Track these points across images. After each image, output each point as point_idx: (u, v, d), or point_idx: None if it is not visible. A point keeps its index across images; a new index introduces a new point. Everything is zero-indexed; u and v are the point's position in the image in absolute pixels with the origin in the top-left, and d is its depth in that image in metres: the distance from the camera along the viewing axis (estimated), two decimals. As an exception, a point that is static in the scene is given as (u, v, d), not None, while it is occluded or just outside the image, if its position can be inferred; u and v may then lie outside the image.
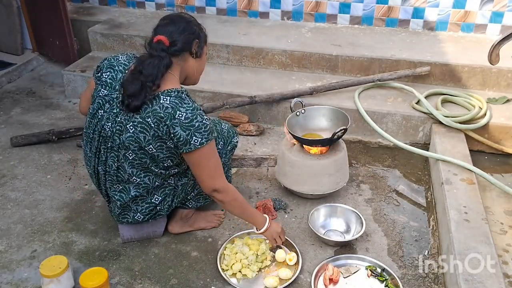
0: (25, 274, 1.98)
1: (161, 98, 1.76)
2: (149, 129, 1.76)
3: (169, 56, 1.79)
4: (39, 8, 3.79)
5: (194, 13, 4.13)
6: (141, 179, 1.91)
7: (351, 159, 2.75)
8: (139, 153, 1.83)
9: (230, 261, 2.00)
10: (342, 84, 3.12)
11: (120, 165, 1.89)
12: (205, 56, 1.96)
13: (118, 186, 1.95)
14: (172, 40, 1.80)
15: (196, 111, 1.77)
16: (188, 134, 1.74)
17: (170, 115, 1.74)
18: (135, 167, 1.88)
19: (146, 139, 1.78)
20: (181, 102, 1.76)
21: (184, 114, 1.74)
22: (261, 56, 3.48)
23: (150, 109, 1.75)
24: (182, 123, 1.74)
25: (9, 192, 2.48)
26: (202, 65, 1.96)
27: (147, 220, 2.03)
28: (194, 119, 1.75)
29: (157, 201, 1.98)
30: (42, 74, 3.90)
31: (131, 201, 1.96)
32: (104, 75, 1.89)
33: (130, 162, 1.86)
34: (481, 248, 1.87)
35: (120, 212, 2.00)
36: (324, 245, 2.15)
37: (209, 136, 1.78)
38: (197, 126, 1.75)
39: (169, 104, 1.74)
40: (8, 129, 3.07)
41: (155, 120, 1.75)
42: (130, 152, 1.83)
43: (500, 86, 3.13)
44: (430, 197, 2.46)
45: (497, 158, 2.80)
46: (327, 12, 3.86)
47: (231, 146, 2.19)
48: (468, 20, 3.63)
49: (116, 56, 1.93)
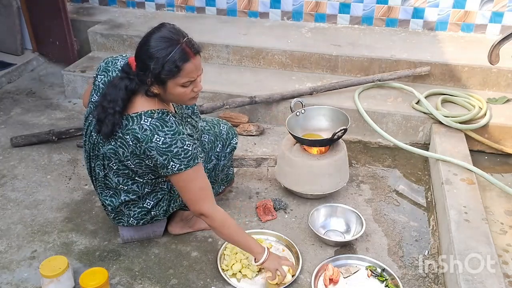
0: (25, 275, 1.98)
1: (142, 118, 1.67)
2: (127, 146, 1.71)
3: (136, 81, 1.66)
4: (39, 8, 3.79)
5: (194, 13, 4.14)
6: (129, 186, 1.88)
7: (351, 159, 2.75)
8: (120, 165, 1.80)
9: (230, 261, 2.00)
10: (342, 84, 3.12)
11: (107, 174, 1.87)
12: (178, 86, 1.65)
13: (109, 192, 1.93)
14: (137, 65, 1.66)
15: (178, 135, 1.66)
16: (165, 159, 1.66)
17: (147, 137, 1.65)
18: (120, 176, 1.85)
19: (124, 155, 1.75)
20: (162, 125, 1.66)
21: (162, 139, 1.65)
22: (261, 56, 3.48)
23: (130, 127, 1.68)
24: (159, 148, 1.65)
25: (9, 193, 2.48)
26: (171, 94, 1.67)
27: (144, 223, 2.02)
28: (172, 144, 1.65)
29: (149, 206, 1.95)
30: (42, 74, 3.90)
31: (123, 206, 1.94)
32: (98, 77, 1.84)
33: (115, 171, 1.84)
34: (481, 248, 1.87)
35: (114, 216, 2.00)
36: (324, 245, 2.15)
37: (189, 162, 1.68)
38: (175, 152, 1.66)
39: (148, 127, 1.66)
40: (8, 130, 3.07)
41: (133, 139, 1.68)
42: (113, 163, 1.81)
43: (500, 86, 3.13)
44: (430, 197, 2.46)
45: (497, 158, 2.80)
46: (327, 12, 3.86)
47: (230, 148, 2.17)
48: (468, 20, 3.63)
49: (115, 59, 1.86)
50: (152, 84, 1.65)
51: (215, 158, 2.09)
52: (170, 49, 1.58)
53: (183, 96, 1.69)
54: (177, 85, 1.65)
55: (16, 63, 3.88)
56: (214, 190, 2.18)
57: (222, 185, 2.27)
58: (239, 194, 2.46)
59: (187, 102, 1.75)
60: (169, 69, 1.59)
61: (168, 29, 1.64)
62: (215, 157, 2.09)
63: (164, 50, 1.58)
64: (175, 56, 1.58)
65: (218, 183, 2.22)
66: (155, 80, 1.63)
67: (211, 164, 2.07)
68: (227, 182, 2.31)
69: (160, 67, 1.58)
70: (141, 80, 1.65)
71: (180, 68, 1.60)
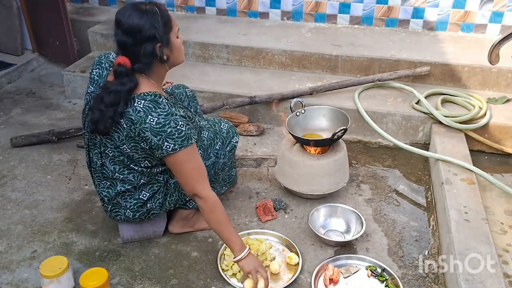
0: (25, 275, 1.98)
1: (135, 101, 1.72)
2: (122, 129, 1.76)
3: (134, 77, 1.73)
4: (39, 9, 3.80)
5: (194, 13, 4.14)
6: (125, 175, 1.90)
7: (351, 159, 2.75)
8: (115, 151, 1.84)
9: (230, 261, 2.00)
10: (342, 84, 3.12)
11: (103, 162, 1.90)
12: (176, 38, 1.78)
13: (106, 182, 1.95)
14: (133, 58, 1.71)
15: (171, 116, 1.71)
16: (159, 139, 1.70)
17: (141, 119, 1.70)
18: (116, 164, 1.89)
19: (120, 139, 1.79)
20: (155, 107, 1.70)
21: (156, 119, 1.69)
22: (261, 56, 3.48)
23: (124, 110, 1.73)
24: (153, 128, 1.69)
25: (9, 193, 2.48)
26: (177, 50, 1.80)
27: (140, 218, 2.02)
28: (166, 124, 1.69)
29: (145, 197, 1.96)
30: (42, 74, 3.90)
31: (119, 197, 1.95)
32: (93, 71, 1.92)
33: (111, 159, 1.87)
34: (481, 248, 1.87)
35: (111, 208, 2.00)
36: (324, 245, 2.15)
37: (183, 142, 1.72)
38: (169, 132, 1.70)
39: (142, 108, 1.70)
40: (8, 130, 3.07)
41: (127, 122, 1.73)
42: (109, 149, 1.85)
43: (500, 86, 3.13)
44: (430, 197, 2.46)
45: (497, 158, 2.80)
46: (327, 12, 3.86)
47: (231, 147, 2.16)
48: (468, 20, 3.63)
49: (108, 54, 1.94)
50: (161, 49, 1.72)
51: (214, 156, 2.07)
52: (154, 10, 1.70)
53: (181, 47, 1.83)
54: (175, 36, 1.78)
55: (16, 63, 3.88)
56: (216, 191, 2.16)
57: (224, 185, 2.25)
58: (239, 194, 2.47)
59: (182, 56, 1.87)
60: (165, 21, 1.72)
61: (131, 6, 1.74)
62: (214, 155, 2.07)
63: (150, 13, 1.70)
64: (162, 12, 1.72)
65: (220, 183, 2.20)
66: (163, 40, 1.71)
67: (210, 161, 2.06)
68: (230, 183, 2.29)
69: (160, 25, 1.69)
70: (150, 53, 1.71)
71: (170, 17, 1.76)
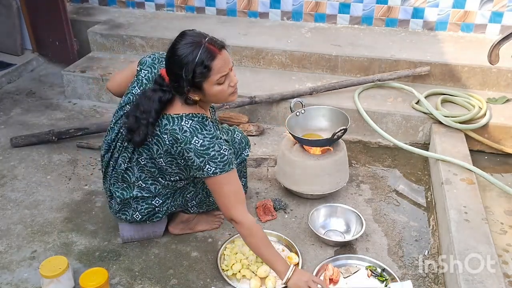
0: (25, 275, 1.98)
1: (183, 120, 1.72)
2: (163, 144, 1.75)
3: (169, 92, 1.72)
4: (39, 9, 3.79)
5: (194, 13, 4.14)
6: (147, 185, 1.90)
7: (351, 159, 2.75)
8: (149, 161, 1.83)
9: (230, 262, 2.00)
10: (342, 84, 3.12)
11: (130, 167, 1.89)
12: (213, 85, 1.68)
13: (123, 184, 1.95)
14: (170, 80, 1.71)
15: (216, 139, 1.71)
16: (202, 161, 1.70)
17: (186, 139, 1.70)
18: (144, 173, 1.88)
19: (158, 152, 1.78)
20: (202, 128, 1.71)
21: (201, 141, 1.70)
22: (261, 56, 3.48)
23: (170, 127, 1.72)
24: (197, 150, 1.69)
25: (9, 193, 2.48)
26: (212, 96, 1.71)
27: (144, 220, 2.02)
28: (210, 147, 1.70)
29: (157, 204, 1.97)
30: (42, 74, 3.90)
31: (132, 199, 1.95)
32: (142, 72, 1.87)
33: (141, 167, 1.86)
34: (481, 248, 1.87)
35: (120, 208, 1.99)
36: (324, 245, 2.15)
37: (225, 167, 1.72)
38: (212, 155, 1.70)
39: (188, 128, 1.71)
40: (8, 130, 3.07)
41: (171, 139, 1.72)
42: (143, 158, 1.83)
43: (500, 86, 3.13)
44: (430, 197, 2.46)
45: (497, 158, 2.80)
46: (326, 12, 3.86)
47: (241, 159, 2.12)
48: (468, 20, 3.63)
49: (162, 57, 1.87)
50: (189, 92, 1.69)
51: None
52: (195, 52, 1.62)
53: (223, 93, 1.72)
54: (213, 84, 1.67)
55: (16, 64, 3.88)
56: None
57: None
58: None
59: (228, 98, 1.76)
60: (200, 71, 1.63)
61: (189, 35, 1.69)
62: None
63: (190, 54, 1.62)
64: (202, 57, 1.62)
65: None
66: (191, 87, 1.67)
67: None
68: None
69: (191, 72, 1.62)
70: (179, 91, 1.70)
71: (209, 67, 1.64)
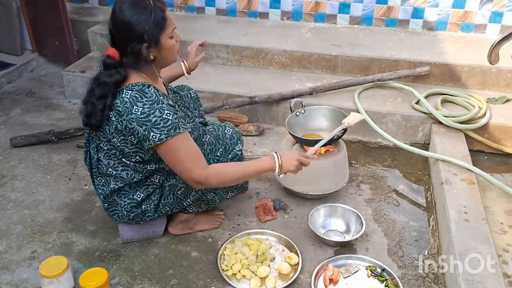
0: (25, 275, 1.98)
1: (123, 92, 1.72)
2: (111, 122, 1.75)
3: (123, 70, 1.73)
4: (39, 9, 3.79)
5: (194, 13, 4.14)
6: (118, 172, 1.88)
7: (351, 159, 2.75)
8: (108, 144, 1.83)
9: (230, 262, 2.00)
10: (342, 84, 3.12)
11: (99, 157, 1.89)
12: (168, 39, 1.74)
13: (101, 180, 1.95)
14: (121, 52, 1.72)
15: (156, 105, 1.69)
16: (145, 129, 1.69)
17: (127, 110, 1.69)
18: (111, 159, 1.87)
19: (110, 132, 1.78)
20: (141, 96, 1.69)
21: (141, 109, 1.68)
22: (261, 56, 3.48)
23: (114, 102, 1.73)
24: (138, 119, 1.68)
25: (9, 193, 2.48)
26: (166, 51, 1.76)
27: (135, 220, 2.00)
28: (151, 113, 1.67)
29: (139, 198, 1.94)
30: (42, 74, 3.90)
31: (115, 194, 1.94)
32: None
33: (106, 152, 1.86)
34: (481, 248, 1.87)
35: (107, 206, 1.99)
36: (324, 245, 2.15)
37: (170, 132, 1.69)
38: (154, 121, 1.68)
39: (128, 99, 1.70)
40: (8, 130, 3.07)
41: (115, 114, 1.73)
42: (103, 143, 1.84)
43: (499, 86, 3.13)
44: (430, 197, 2.46)
45: (497, 158, 2.80)
46: (326, 12, 3.87)
47: (233, 155, 2.08)
48: (468, 20, 3.63)
49: None
50: (149, 49, 1.71)
51: (214, 162, 2.01)
52: (148, 8, 1.67)
53: (173, 49, 1.79)
54: (168, 37, 1.74)
55: (16, 64, 3.88)
56: (219, 196, 2.14)
57: (229, 191, 2.17)
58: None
59: (175, 56, 1.82)
60: (158, 22, 1.68)
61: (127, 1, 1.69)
62: (214, 161, 2.02)
63: (144, 10, 1.67)
64: (156, 10, 1.68)
65: (222, 189, 2.12)
66: (151, 41, 1.69)
67: None
68: (238, 189, 2.20)
69: (150, 24, 1.67)
70: (136, 52, 1.70)
71: (165, 17, 1.71)
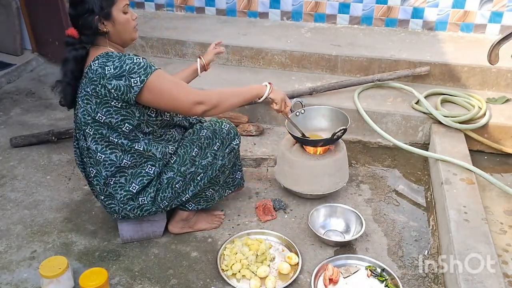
0: (25, 275, 1.98)
1: (92, 65, 1.78)
2: (91, 97, 1.79)
3: (82, 47, 1.82)
4: (39, 9, 3.80)
5: (194, 13, 4.14)
6: (107, 155, 1.88)
7: (350, 159, 2.75)
8: (94, 126, 1.84)
9: (230, 262, 2.00)
10: (342, 84, 3.13)
11: (89, 146, 1.90)
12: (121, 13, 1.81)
13: (93, 170, 1.94)
14: (79, 30, 1.81)
15: (124, 57, 1.76)
16: (125, 80, 1.73)
17: (101, 74, 1.75)
18: (98, 143, 1.88)
19: (93, 108, 1.81)
20: (108, 58, 1.77)
21: (112, 65, 1.74)
22: (261, 56, 3.48)
23: (87, 77, 1.79)
24: (114, 74, 1.74)
25: (9, 193, 2.48)
26: (120, 25, 1.83)
27: (134, 215, 1.99)
28: (123, 65, 1.74)
29: (135, 190, 1.93)
30: (42, 74, 3.90)
31: (109, 186, 1.93)
32: None
33: (92, 137, 1.87)
34: (481, 248, 1.87)
35: (104, 199, 1.99)
36: (324, 245, 2.15)
37: (147, 70, 1.75)
38: (129, 68, 1.74)
39: (97, 66, 1.76)
40: (8, 130, 3.07)
41: (92, 86, 1.77)
42: (89, 127, 1.85)
43: (499, 86, 3.13)
44: (429, 197, 2.46)
45: (497, 158, 2.80)
46: (326, 12, 3.87)
47: (230, 149, 2.09)
48: (468, 20, 3.63)
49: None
50: (100, 22, 1.78)
51: (211, 156, 2.03)
52: None
53: (128, 24, 1.85)
54: (120, 11, 1.81)
55: (16, 64, 3.89)
56: (218, 194, 2.16)
57: (227, 189, 2.21)
58: (239, 194, 2.46)
59: (133, 33, 1.89)
60: None
61: None
62: (211, 155, 2.03)
63: None
64: None
65: (222, 186, 2.16)
66: (101, 15, 1.77)
67: (205, 161, 2.01)
68: (234, 187, 2.24)
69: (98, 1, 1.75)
70: (89, 25, 1.77)
71: None
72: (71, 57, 1.81)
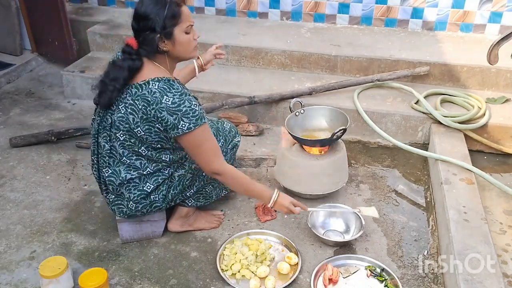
0: (24, 275, 1.98)
1: (150, 84, 1.79)
2: (138, 111, 1.80)
3: (137, 58, 1.82)
4: (38, 9, 3.79)
5: (193, 13, 4.13)
6: (132, 161, 1.92)
7: (350, 159, 2.75)
8: (127, 135, 1.86)
9: (229, 262, 2.00)
10: (341, 84, 3.12)
11: (112, 146, 1.91)
12: (182, 33, 1.81)
13: (108, 170, 1.96)
14: (139, 43, 1.83)
15: (185, 96, 1.79)
16: (175, 118, 1.77)
17: (157, 99, 1.76)
18: (125, 149, 1.90)
19: (135, 121, 1.82)
20: (170, 88, 1.78)
21: (171, 99, 1.76)
22: (260, 56, 3.48)
23: (140, 93, 1.79)
24: (169, 108, 1.76)
25: (8, 193, 2.48)
26: (180, 45, 1.83)
27: (141, 211, 2.00)
28: (181, 104, 1.77)
29: (149, 189, 1.97)
30: (41, 74, 3.90)
31: (123, 187, 1.95)
32: None
33: (121, 143, 1.89)
34: (481, 248, 1.87)
35: (114, 199, 2.00)
36: (323, 245, 2.15)
37: (197, 121, 1.79)
38: (184, 111, 1.77)
39: (157, 89, 1.77)
40: (7, 130, 3.07)
41: (143, 104, 1.78)
42: (121, 133, 1.87)
43: (499, 86, 3.13)
44: (429, 197, 2.46)
45: (496, 158, 2.80)
46: (326, 12, 3.87)
47: (232, 145, 2.20)
48: (467, 20, 3.63)
49: None
50: (161, 40, 1.78)
51: None
52: (164, 2, 1.76)
53: (189, 44, 1.85)
54: (182, 31, 1.80)
55: (15, 64, 3.88)
56: (216, 192, 2.20)
57: (224, 189, 2.24)
58: (239, 194, 2.46)
59: (192, 52, 1.89)
60: (171, 15, 1.76)
61: None
62: None
63: (160, 3, 1.75)
64: (171, 5, 1.77)
65: (220, 184, 2.17)
66: (163, 34, 1.77)
67: None
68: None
69: (163, 17, 1.74)
70: (150, 42, 1.78)
71: (179, 12, 1.78)
72: (126, 66, 1.80)
